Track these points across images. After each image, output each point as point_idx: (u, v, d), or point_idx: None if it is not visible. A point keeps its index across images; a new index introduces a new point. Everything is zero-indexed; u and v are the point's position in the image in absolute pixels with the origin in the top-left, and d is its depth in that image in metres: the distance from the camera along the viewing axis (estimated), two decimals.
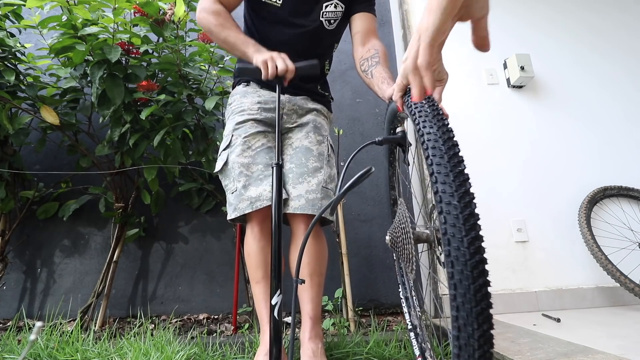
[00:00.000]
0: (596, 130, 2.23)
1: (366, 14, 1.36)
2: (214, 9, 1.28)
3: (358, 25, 1.35)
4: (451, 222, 0.52)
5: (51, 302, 1.94)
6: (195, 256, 2.05)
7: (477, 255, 0.50)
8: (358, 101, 2.35)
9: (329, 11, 1.35)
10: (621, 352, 1.09)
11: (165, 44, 1.69)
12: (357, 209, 2.13)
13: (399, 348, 1.35)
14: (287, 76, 1.18)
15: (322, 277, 1.26)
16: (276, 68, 1.15)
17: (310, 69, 1.21)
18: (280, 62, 1.16)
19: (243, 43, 1.25)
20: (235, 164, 1.26)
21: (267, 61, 1.15)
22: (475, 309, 0.48)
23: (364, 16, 1.36)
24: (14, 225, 1.86)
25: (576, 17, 2.43)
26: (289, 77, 1.18)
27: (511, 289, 1.88)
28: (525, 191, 2.07)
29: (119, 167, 1.85)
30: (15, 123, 1.68)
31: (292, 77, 1.20)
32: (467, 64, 2.27)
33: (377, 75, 1.15)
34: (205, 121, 1.87)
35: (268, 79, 1.17)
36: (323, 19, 1.35)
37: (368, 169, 0.75)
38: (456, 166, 0.57)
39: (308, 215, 1.22)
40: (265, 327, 1.17)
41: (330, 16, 1.35)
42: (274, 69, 1.15)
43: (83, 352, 1.31)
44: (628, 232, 2.04)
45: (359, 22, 1.35)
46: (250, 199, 1.21)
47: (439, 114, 0.67)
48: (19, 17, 1.79)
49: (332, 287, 1.84)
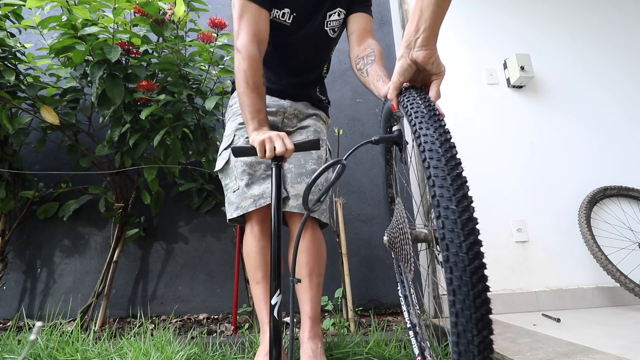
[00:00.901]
0: (596, 130, 2.22)
1: (362, 14, 1.36)
2: (249, 54, 1.19)
3: (354, 25, 1.35)
4: (449, 226, 0.51)
5: (51, 302, 1.94)
6: (195, 256, 2.05)
7: (476, 260, 0.49)
8: (358, 101, 2.34)
9: (333, 20, 1.35)
10: (621, 352, 1.09)
11: (165, 44, 1.68)
12: (357, 209, 2.13)
13: (399, 348, 1.35)
14: (287, 155, 1.09)
15: (321, 277, 1.27)
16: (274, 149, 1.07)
17: (310, 146, 1.13)
18: (279, 143, 1.07)
19: (252, 112, 1.17)
20: (238, 162, 1.27)
21: (265, 142, 1.07)
22: (474, 315, 0.48)
23: (360, 16, 1.36)
24: (14, 225, 1.86)
25: (576, 17, 2.43)
26: (288, 156, 1.09)
27: (511, 289, 1.89)
28: (525, 191, 2.07)
29: (119, 167, 1.85)
30: (15, 123, 1.68)
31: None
32: (467, 64, 2.26)
33: (372, 73, 1.15)
34: (205, 121, 1.87)
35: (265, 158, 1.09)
36: (328, 28, 1.36)
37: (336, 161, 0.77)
38: (454, 169, 0.56)
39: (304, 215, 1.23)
40: (265, 327, 1.17)
41: (334, 24, 1.37)
42: (272, 151, 1.06)
43: (83, 352, 1.31)
44: (628, 232, 2.04)
45: (356, 22, 1.35)
46: (254, 196, 1.22)
47: (435, 114, 0.66)
48: (19, 17, 1.78)
49: (332, 287, 1.84)
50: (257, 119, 1.16)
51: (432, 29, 0.72)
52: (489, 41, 2.32)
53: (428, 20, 0.71)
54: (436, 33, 0.74)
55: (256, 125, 1.15)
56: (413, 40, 0.75)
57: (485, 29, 2.34)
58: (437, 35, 0.74)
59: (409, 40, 0.75)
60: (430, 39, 0.73)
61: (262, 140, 1.08)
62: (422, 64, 0.76)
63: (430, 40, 0.74)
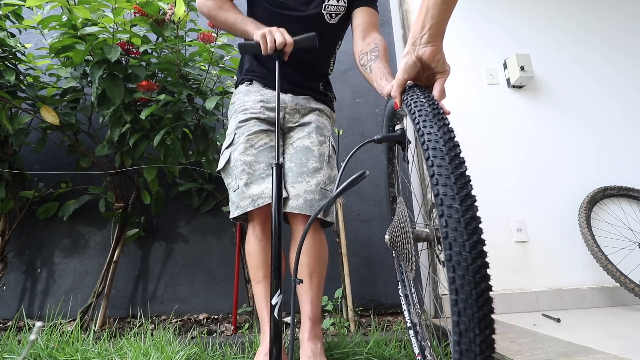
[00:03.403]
0: (596, 130, 2.23)
1: (367, 8, 1.36)
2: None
3: (359, 18, 1.35)
4: (452, 225, 0.51)
5: (51, 302, 1.94)
6: (195, 256, 2.05)
7: (479, 259, 0.49)
8: (358, 101, 2.34)
9: (331, 4, 1.35)
10: (621, 352, 1.09)
11: (165, 44, 1.68)
12: (357, 209, 2.13)
13: (399, 348, 1.35)
14: (286, 50, 1.20)
15: (322, 277, 1.26)
16: (275, 42, 1.18)
17: (308, 42, 1.22)
18: (278, 35, 1.18)
19: (242, 22, 1.30)
20: (237, 161, 1.26)
21: (266, 35, 1.18)
22: (477, 315, 0.47)
23: (365, 10, 1.36)
24: (14, 225, 1.86)
25: (576, 18, 2.43)
26: (287, 50, 1.20)
27: (511, 289, 1.89)
28: (525, 191, 2.07)
29: (119, 167, 1.84)
30: (15, 123, 1.68)
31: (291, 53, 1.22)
32: (467, 64, 2.27)
33: (376, 70, 1.15)
34: (205, 121, 1.87)
35: (268, 53, 1.19)
36: (325, 11, 1.35)
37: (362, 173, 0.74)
38: (457, 168, 0.56)
39: (306, 215, 1.22)
40: (265, 327, 1.17)
41: (332, 9, 1.36)
42: (273, 42, 1.17)
43: (83, 352, 1.31)
44: (628, 232, 2.05)
45: (360, 16, 1.35)
46: (252, 196, 1.21)
47: (439, 112, 0.65)
48: (19, 18, 1.78)
49: (332, 287, 1.84)
50: (249, 22, 1.30)
51: (438, 26, 0.72)
52: (489, 41, 2.33)
53: (434, 18, 0.71)
54: (442, 30, 0.73)
55: (253, 26, 1.28)
56: (419, 37, 0.74)
57: (485, 29, 2.34)
58: (443, 33, 0.74)
59: (415, 37, 0.75)
60: (436, 36, 0.73)
61: (262, 34, 1.19)
62: (428, 61, 0.76)
63: (436, 37, 0.73)
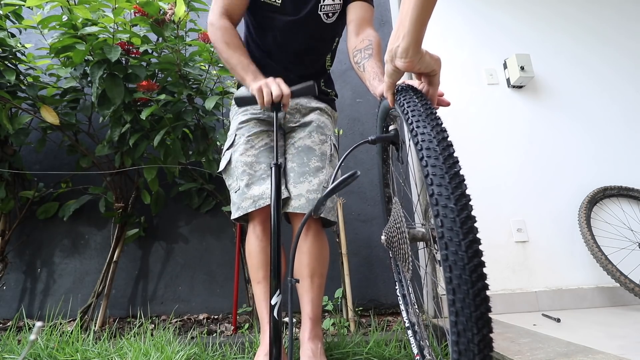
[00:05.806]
0: (596, 130, 2.23)
1: (362, 3, 1.32)
2: (220, 25, 1.26)
3: (353, 13, 1.31)
4: (448, 225, 0.51)
5: (51, 302, 1.94)
6: (195, 256, 2.05)
7: (475, 258, 0.49)
8: (358, 101, 2.34)
9: (327, 4, 1.32)
10: (621, 352, 1.09)
11: (165, 44, 1.68)
12: (357, 209, 2.13)
13: (398, 348, 1.35)
14: (284, 102, 1.14)
15: (322, 278, 1.26)
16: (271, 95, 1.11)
17: (306, 91, 1.17)
18: (275, 87, 1.12)
19: (243, 68, 1.23)
20: (238, 162, 1.26)
21: (262, 88, 1.12)
22: (474, 314, 0.47)
23: (359, 5, 1.32)
24: (14, 225, 1.86)
25: (576, 18, 2.44)
26: (285, 102, 1.14)
27: (511, 289, 1.89)
28: (525, 191, 2.07)
29: (119, 167, 1.85)
30: (15, 123, 1.68)
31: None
32: (467, 64, 2.27)
33: (369, 69, 1.12)
34: (205, 121, 1.87)
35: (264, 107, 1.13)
36: (321, 12, 1.33)
37: (353, 173, 0.74)
38: (452, 167, 0.56)
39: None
40: (265, 327, 1.17)
41: (328, 9, 1.33)
42: (269, 95, 1.11)
43: (83, 352, 1.31)
44: (628, 232, 2.04)
45: (354, 11, 1.31)
46: (253, 197, 1.21)
47: (432, 112, 0.66)
48: (19, 18, 1.79)
49: (332, 287, 1.84)
50: (249, 71, 1.23)
51: (412, 35, 0.68)
52: (489, 41, 2.33)
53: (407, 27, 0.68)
54: (417, 40, 0.69)
55: (251, 77, 1.21)
56: (394, 47, 0.72)
57: (485, 29, 2.34)
58: (419, 43, 0.70)
59: (391, 47, 0.73)
60: (409, 49, 0.70)
61: (259, 87, 1.13)
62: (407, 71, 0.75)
63: (410, 49, 0.70)
